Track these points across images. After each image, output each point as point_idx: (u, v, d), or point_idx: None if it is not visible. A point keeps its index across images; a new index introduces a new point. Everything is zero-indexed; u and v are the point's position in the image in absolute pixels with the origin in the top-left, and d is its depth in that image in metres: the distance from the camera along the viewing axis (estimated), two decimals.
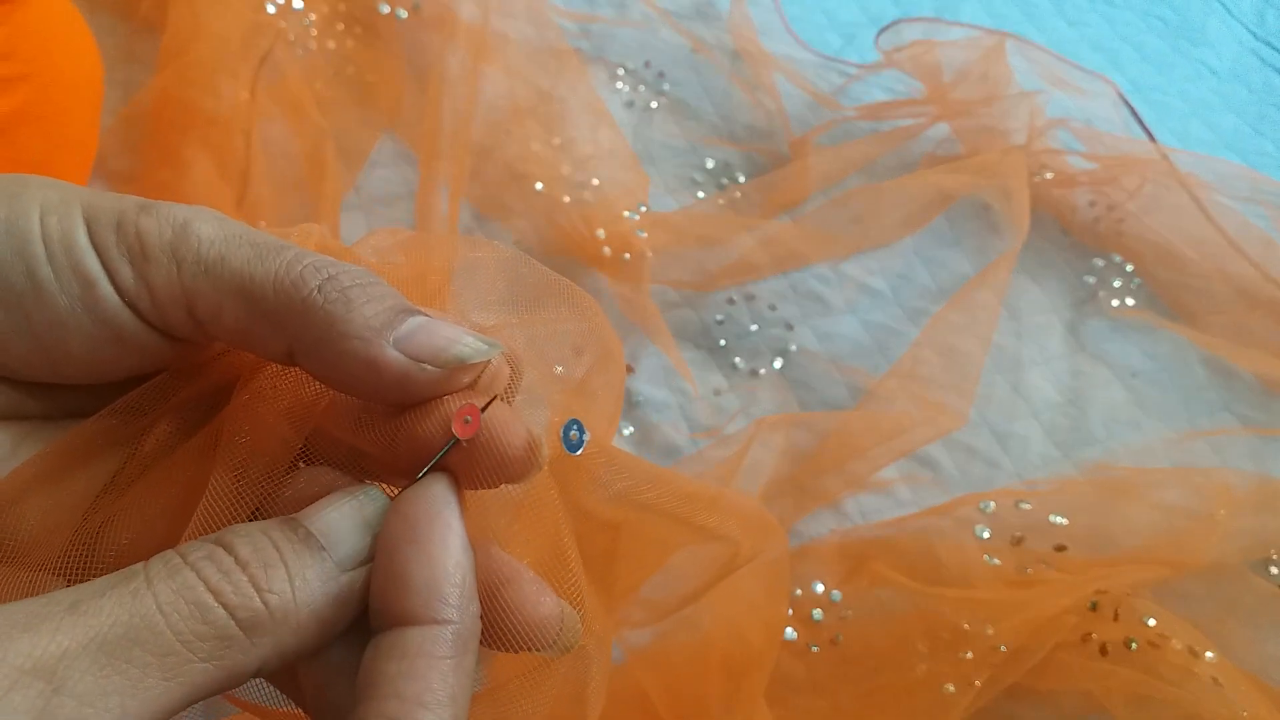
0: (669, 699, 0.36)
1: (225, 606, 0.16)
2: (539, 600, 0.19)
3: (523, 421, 0.18)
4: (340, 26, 0.61)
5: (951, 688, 0.40)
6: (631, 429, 0.51)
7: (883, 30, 0.73)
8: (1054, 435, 0.54)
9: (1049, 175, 0.64)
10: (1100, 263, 0.62)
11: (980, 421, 0.54)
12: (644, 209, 0.57)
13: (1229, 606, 0.45)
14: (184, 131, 0.49)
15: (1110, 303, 0.60)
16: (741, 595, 0.36)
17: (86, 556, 0.19)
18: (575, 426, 0.19)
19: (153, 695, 0.15)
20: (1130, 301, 0.61)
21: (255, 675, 0.17)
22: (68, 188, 0.19)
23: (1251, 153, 0.73)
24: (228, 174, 0.49)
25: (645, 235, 0.55)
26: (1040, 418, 0.55)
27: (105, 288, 0.18)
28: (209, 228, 0.19)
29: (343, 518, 0.18)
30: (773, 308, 0.57)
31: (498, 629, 0.18)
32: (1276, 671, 0.43)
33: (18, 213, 0.18)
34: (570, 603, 0.19)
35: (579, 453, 0.19)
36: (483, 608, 0.18)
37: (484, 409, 0.18)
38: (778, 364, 0.55)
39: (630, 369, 0.52)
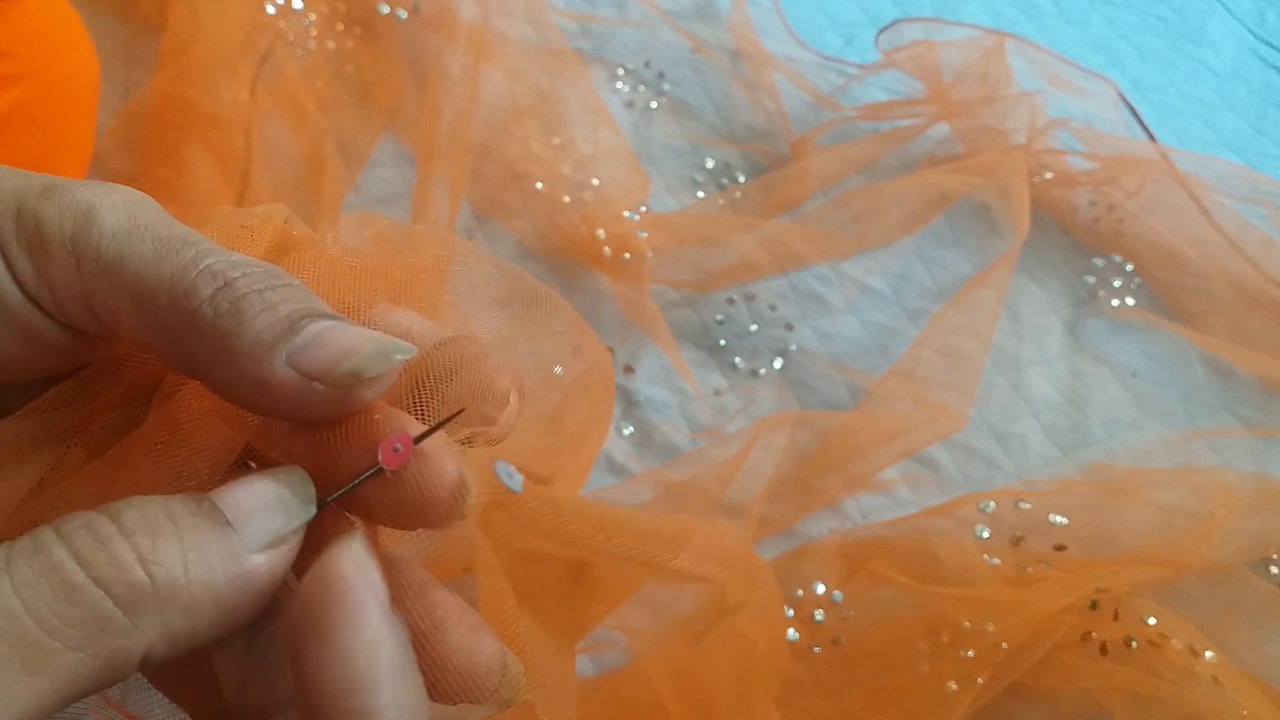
0: (678, 697, 0.36)
1: (98, 581, 0.14)
2: (476, 648, 0.17)
3: (455, 458, 0.17)
4: (340, 26, 0.61)
5: (954, 686, 0.40)
6: (631, 429, 0.51)
7: (883, 30, 0.73)
8: (1054, 435, 0.54)
9: (1049, 175, 0.64)
10: (1100, 263, 0.62)
11: (980, 421, 0.54)
12: (644, 209, 0.57)
13: (1229, 606, 0.45)
14: (184, 131, 0.49)
15: (1110, 303, 0.60)
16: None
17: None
18: (503, 469, 0.17)
19: (16, 694, 0.13)
20: (1130, 301, 0.61)
21: (142, 665, 0.15)
22: None
23: (1252, 153, 0.73)
24: (228, 174, 0.49)
25: (645, 235, 0.55)
26: (1040, 418, 0.55)
27: (9, 288, 0.17)
28: (114, 217, 0.17)
29: (254, 495, 0.16)
30: (773, 308, 0.57)
31: (430, 679, 0.16)
32: (1277, 671, 0.43)
33: None
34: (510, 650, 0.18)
35: (517, 492, 0.18)
36: (422, 652, 0.16)
37: (419, 439, 0.16)
38: (778, 364, 0.55)
39: (629, 369, 0.52)
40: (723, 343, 0.55)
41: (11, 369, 0.18)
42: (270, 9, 0.56)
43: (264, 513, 0.16)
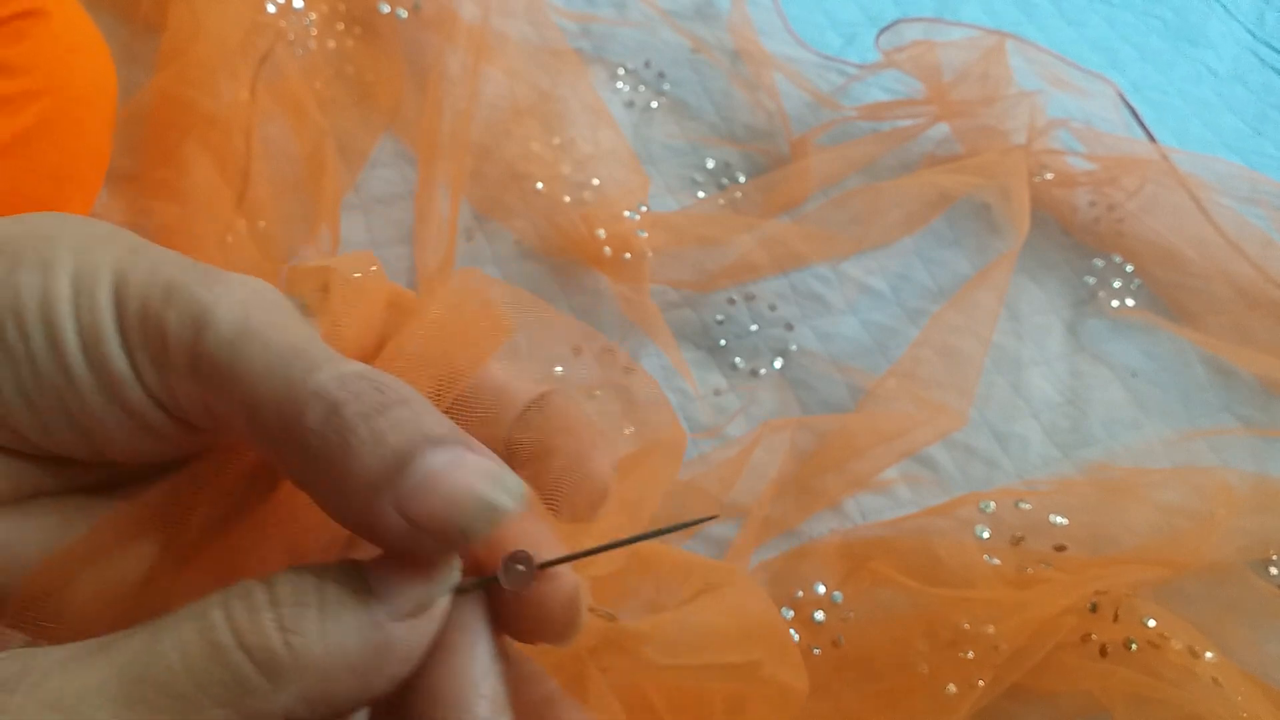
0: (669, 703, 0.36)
1: (243, 647, 0.15)
2: None
3: (574, 578, 0.17)
4: (340, 26, 0.61)
5: (953, 688, 0.40)
6: (631, 429, 0.51)
7: (883, 30, 0.73)
8: (1054, 435, 0.54)
9: (1049, 175, 0.64)
10: (1100, 263, 0.62)
11: (980, 421, 0.54)
12: (644, 209, 0.57)
13: (1229, 607, 0.45)
14: (184, 131, 0.49)
15: (1110, 303, 0.60)
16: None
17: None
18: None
19: None
20: (1130, 302, 0.61)
21: None
22: (96, 247, 0.18)
23: (1251, 153, 0.73)
24: (228, 173, 0.49)
25: (645, 235, 0.55)
26: (1040, 418, 0.55)
27: (134, 391, 0.17)
28: (228, 321, 0.17)
29: (401, 566, 0.16)
30: (773, 308, 0.57)
31: None
32: (1277, 672, 0.43)
33: (50, 292, 0.17)
34: None
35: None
36: None
37: (543, 565, 0.16)
38: (778, 364, 0.55)
39: (629, 369, 0.52)
40: (723, 343, 0.55)
41: (128, 455, 0.19)
42: (270, 8, 0.56)
43: (412, 586, 0.16)
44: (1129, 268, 0.62)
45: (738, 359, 0.54)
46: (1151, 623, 0.41)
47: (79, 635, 0.18)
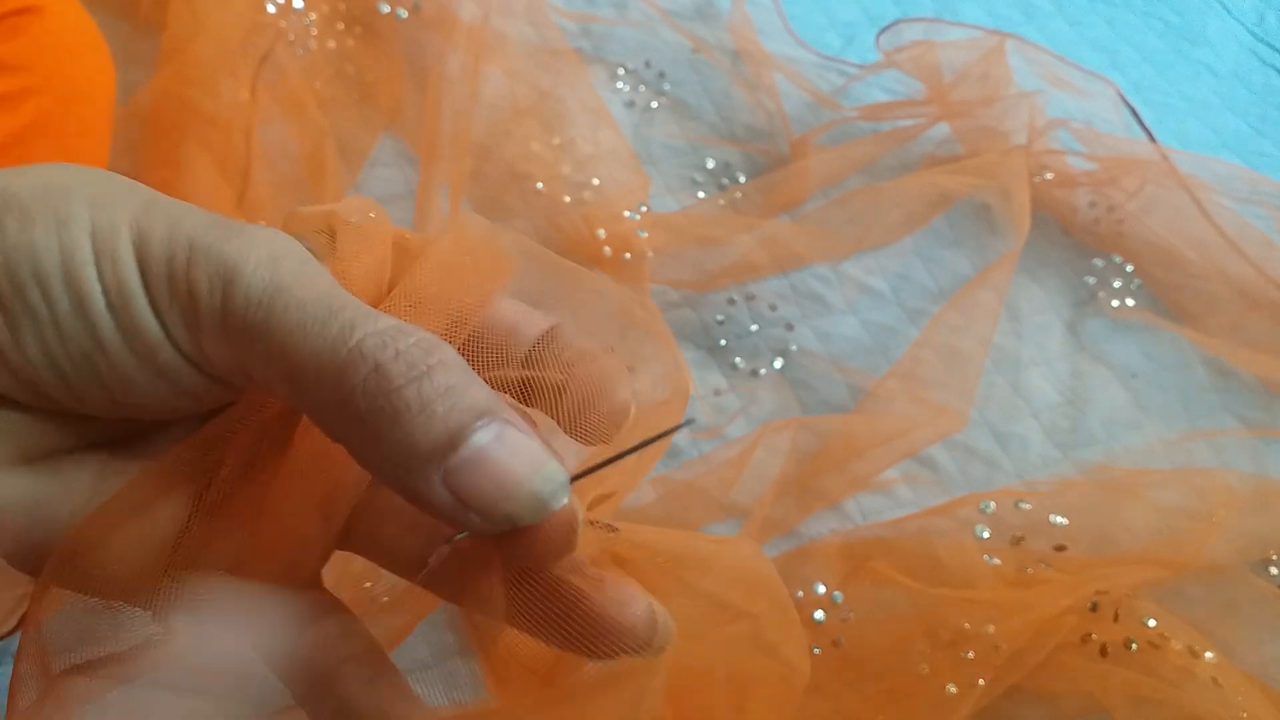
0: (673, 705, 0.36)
1: None
2: (628, 601, 0.18)
3: (576, 503, 0.17)
4: (340, 26, 0.61)
5: (953, 688, 0.40)
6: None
7: (883, 30, 0.73)
8: (1054, 435, 0.54)
9: (1049, 176, 0.64)
10: (1100, 263, 0.62)
11: (980, 421, 0.54)
12: (644, 209, 0.57)
13: (1229, 607, 0.45)
14: (184, 131, 0.49)
15: (1110, 303, 0.60)
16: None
17: (179, 590, 0.19)
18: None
19: None
20: (1130, 302, 0.61)
21: None
22: (112, 203, 0.17)
23: (1251, 153, 0.73)
24: (228, 173, 0.49)
25: (645, 235, 0.55)
26: (1040, 418, 0.55)
27: (168, 352, 0.17)
28: (257, 279, 0.16)
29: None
30: (773, 308, 0.57)
31: (590, 633, 0.17)
32: (1276, 672, 0.43)
33: (70, 251, 0.16)
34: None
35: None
36: (574, 616, 0.18)
37: (575, 477, 0.17)
38: (778, 364, 0.55)
39: (629, 369, 0.52)
40: (723, 343, 0.55)
41: (157, 412, 0.19)
42: (271, 8, 0.56)
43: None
44: (1129, 268, 0.62)
45: (738, 359, 0.54)
46: (1151, 623, 0.41)
47: (117, 587, 0.18)
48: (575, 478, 0.17)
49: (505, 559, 0.17)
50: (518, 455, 0.16)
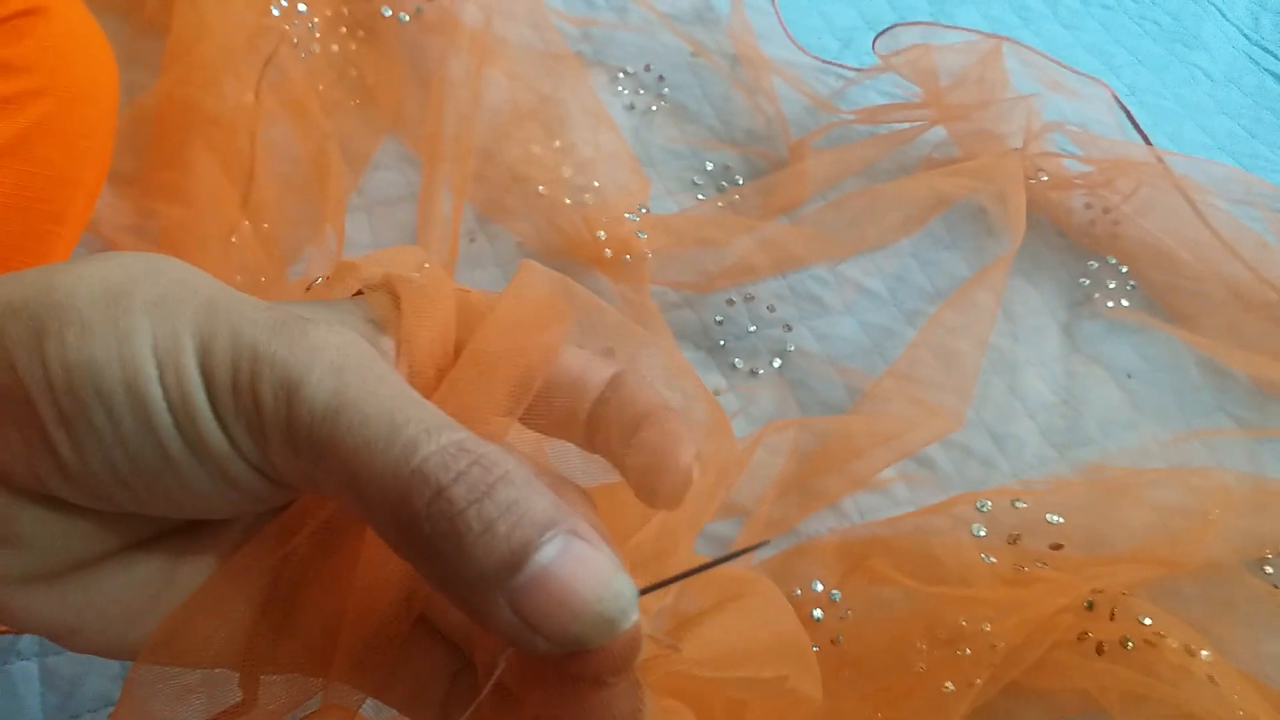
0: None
1: None
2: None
3: (638, 624, 0.16)
4: (343, 29, 0.61)
5: (951, 686, 0.40)
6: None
7: (880, 34, 0.74)
8: (1050, 436, 0.54)
9: (1045, 178, 0.64)
10: (1095, 265, 0.63)
11: (977, 422, 0.54)
12: (644, 211, 0.57)
13: (1224, 606, 0.45)
14: (188, 133, 0.49)
15: (1105, 304, 0.61)
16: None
17: (262, 657, 0.19)
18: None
19: None
20: (1125, 303, 0.61)
21: None
22: (173, 308, 0.17)
23: (1246, 156, 0.74)
24: (232, 175, 0.49)
25: (645, 237, 0.56)
26: (1036, 418, 0.55)
27: (235, 464, 0.17)
28: (321, 392, 0.16)
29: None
30: (771, 309, 0.57)
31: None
32: (1272, 670, 0.43)
33: (134, 368, 0.16)
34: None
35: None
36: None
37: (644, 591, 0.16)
38: (776, 364, 0.55)
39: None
40: (722, 343, 0.55)
41: (225, 513, 0.19)
42: (275, 12, 0.57)
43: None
44: (1124, 269, 0.62)
45: (737, 359, 0.55)
46: (1147, 621, 0.41)
47: (201, 667, 0.19)
48: (644, 591, 0.17)
49: (559, 671, 0.17)
50: (584, 572, 0.16)
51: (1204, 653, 0.41)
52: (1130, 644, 0.41)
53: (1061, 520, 0.47)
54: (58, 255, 0.42)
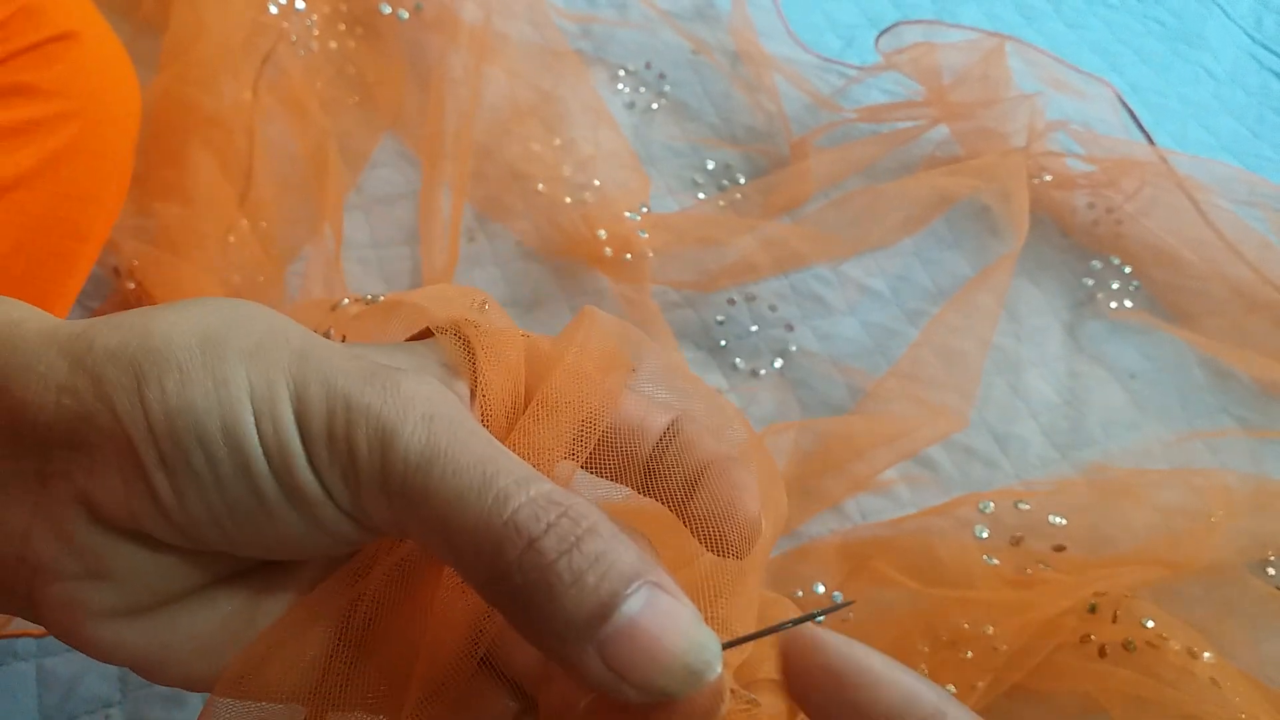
0: None
1: None
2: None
3: (725, 679, 0.17)
4: (342, 27, 0.61)
5: (953, 688, 0.40)
6: None
7: (882, 33, 0.74)
8: (1052, 436, 0.54)
9: (1048, 177, 0.64)
10: (1098, 265, 0.62)
11: (979, 422, 0.54)
12: (645, 210, 0.57)
13: (1227, 607, 0.45)
14: (186, 131, 0.49)
15: (1108, 304, 0.61)
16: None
17: (332, 697, 0.20)
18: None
19: None
20: (1128, 303, 0.61)
21: None
22: (267, 357, 0.18)
23: (1249, 155, 0.74)
24: (230, 173, 0.49)
25: (646, 236, 0.55)
26: (1039, 419, 0.55)
27: (329, 510, 0.18)
28: (415, 443, 0.17)
29: None
30: (773, 308, 0.57)
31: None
32: (1274, 672, 0.43)
33: (232, 415, 0.17)
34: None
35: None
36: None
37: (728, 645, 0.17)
38: (778, 364, 0.55)
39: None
40: (723, 343, 0.55)
41: (313, 555, 0.19)
42: (273, 9, 0.56)
43: None
44: (1127, 269, 0.62)
45: (738, 359, 0.55)
46: (1150, 623, 0.41)
47: (274, 700, 0.19)
48: (727, 645, 0.17)
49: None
50: (670, 624, 0.16)
51: (1206, 654, 0.40)
52: (1133, 646, 0.41)
53: (1064, 521, 0.46)
54: (78, 272, 0.43)
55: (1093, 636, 0.41)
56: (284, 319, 0.19)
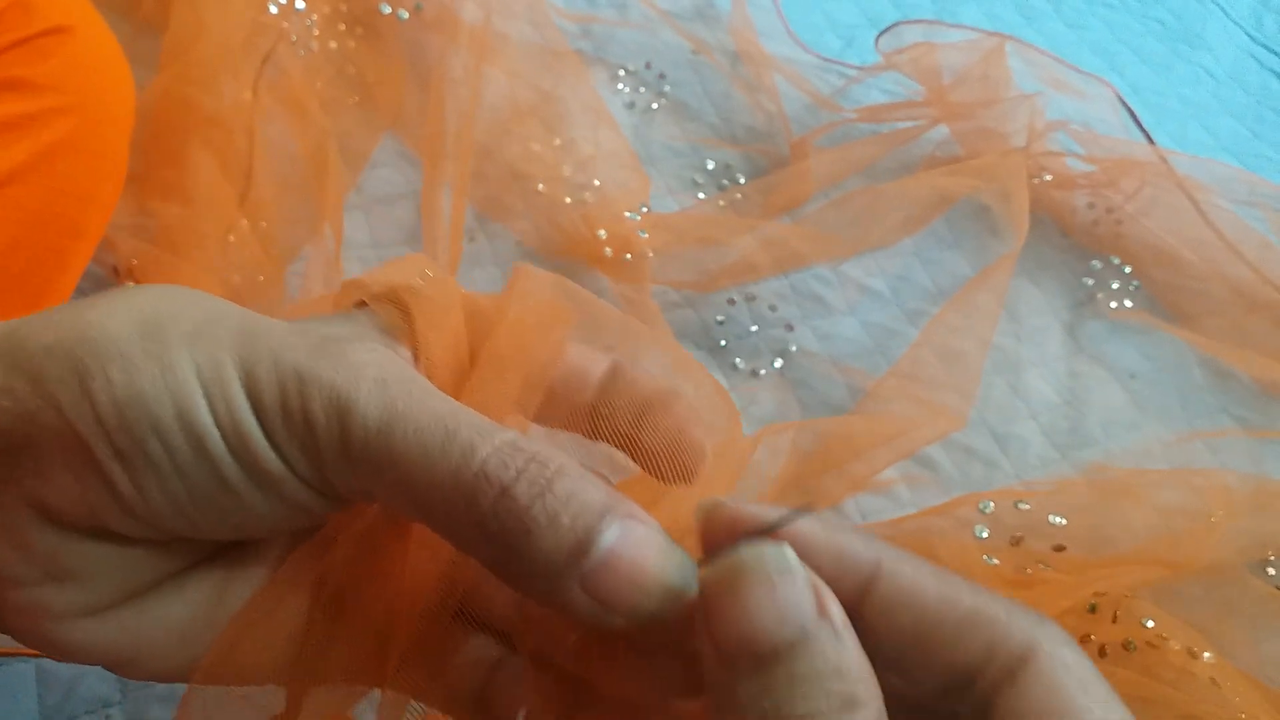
0: None
1: None
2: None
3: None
4: (342, 27, 0.61)
5: None
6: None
7: (883, 32, 0.74)
8: (1052, 436, 0.54)
9: (1048, 177, 0.64)
10: (1098, 265, 0.62)
11: (979, 422, 0.54)
12: (645, 210, 0.57)
13: (1227, 607, 0.45)
14: (186, 131, 0.49)
15: (1109, 304, 0.61)
16: None
17: (310, 670, 0.20)
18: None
19: None
20: (1128, 303, 0.61)
21: None
22: (210, 337, 0.17)
23: (1249, 155, 0.74)
24: (230, 173, 0.49)
25: (646, 236, 0.55)
26: (1039, 419, 0.55)
27: (291, 483, 0.18)
28: (371, 407, 0.17)
29: None
30: (773, 308, 0.57)
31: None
32: (1274, 672, 0.43)
33: (183, 398, 0.17)
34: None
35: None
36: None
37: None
38: (778, 364, 0.55)
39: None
40: (723, 343, 0.55)
41: (277, 531, 0.20)
42: (273, 9, 0.56)
43: None
44: (1127, 269, 0.62)
45: (738, 359, 0.55)
46: (1150, 623, 0.41)
47: (253, 681, 0.19)
48: (702, 563, 0.17)
49: (633, 648, 0.18)
50: (646, 549, 0.16)
51: (1206, 655, 0.40)
52: (1133, 646, 0.41)
53: (1064, 521, 0.46)
54: (73, 269, 0.42)
55: (1093, 636, 0.41)
56: (222, 301, 0.19)
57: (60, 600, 0.17)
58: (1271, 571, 0.48)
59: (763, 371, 0.54)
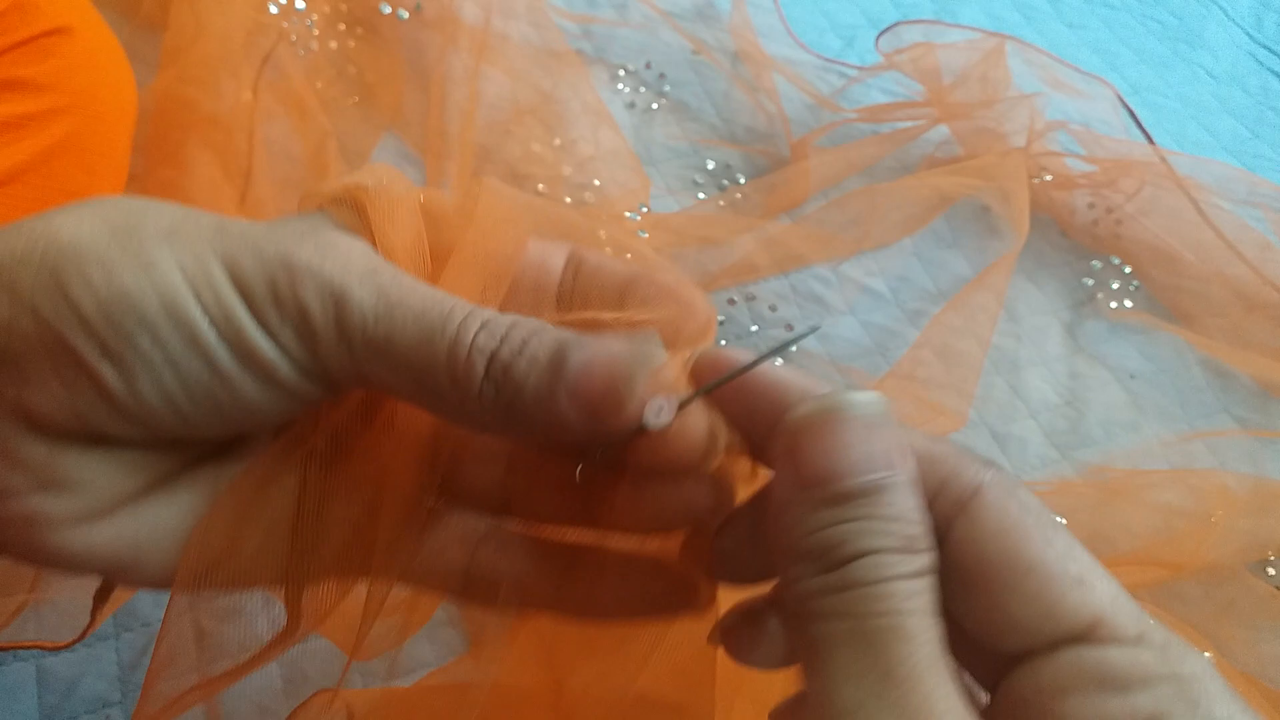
0: None
1: None
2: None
3: (706, 417, 0.19)
4: (342, 26, 0.61)
5: None
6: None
7: (883, 33, 0.74)
8: (1052, 436, 0.54)
9: (1048, 177, 0.64)
10: (1098, 265, 0.62)
11: (979, 422, 0.54)
12: (645, 210, 0.57)
13: (1226, 608, 0.45)
14: (186, 131, 0.49)
15: (1108, 304, 0.61)
16: None
17: (304, 569, 0.20)
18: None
19: None
20: (1128, 303, 0.61)
21: None
22: (186, 234, 0.18)
23: (1249, 155, 0.74)
24: (230, 173, 0.49)
25: (646, 236, 0.55)
26: (1039, 419, 0.55)
27: (285, 369, 0.18)
28: (366, 298, 0.18)
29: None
30: (773, 308, 0.57)
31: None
32: (1274, 672, 0.43)
33: (169, 292, 0.17)
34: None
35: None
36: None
37: (684, 404, 0.19)
38: (778, 364, 0.55)
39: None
40: (723, 343, 0.55)
41: (270, 423, 0.20)
42: (273, 9, 0.56)
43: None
44: (1127, 269, 0.62)
45: None
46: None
47: (254, 582, 0.20)
48: (687, 401, 0.19)
49: (638, 473, 0.19)
50: (609, 349, 0.18)
51: (1206, 655, 0.41)
52: None
53: (1064, 521, 0.46)
54: None
55: None
56: (189, 207, 0.19)
57: (55, 509, 0.18)
58: (1271, 571, 0.48)
59: None
